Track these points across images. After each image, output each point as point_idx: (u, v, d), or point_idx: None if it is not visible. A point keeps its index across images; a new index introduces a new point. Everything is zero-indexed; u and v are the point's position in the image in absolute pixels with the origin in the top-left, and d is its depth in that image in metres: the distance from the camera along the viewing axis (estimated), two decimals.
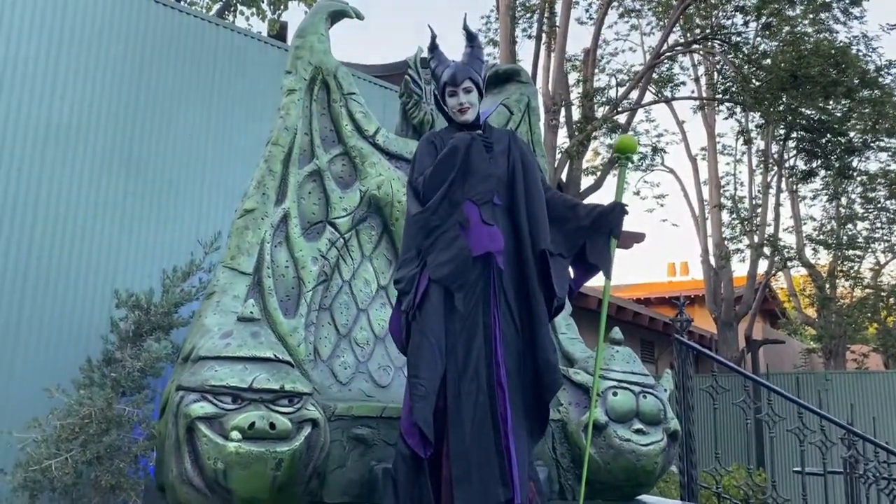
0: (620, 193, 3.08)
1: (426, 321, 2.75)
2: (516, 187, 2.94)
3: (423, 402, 2.65)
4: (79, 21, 5.39)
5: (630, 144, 3.18)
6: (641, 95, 13.16)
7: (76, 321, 5.03)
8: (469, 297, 2.78)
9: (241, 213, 3.62)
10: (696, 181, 16.22)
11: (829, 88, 10.85)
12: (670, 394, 3.66)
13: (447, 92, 3.01)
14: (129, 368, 4.37)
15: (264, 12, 9.81)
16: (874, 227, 17.58)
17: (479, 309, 2.78)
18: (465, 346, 2.74)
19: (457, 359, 2.72)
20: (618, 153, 3.17)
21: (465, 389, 2.68)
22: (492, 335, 2.76)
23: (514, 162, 2.98)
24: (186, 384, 2.83)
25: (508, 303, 2.82)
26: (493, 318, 2.78)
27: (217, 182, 5.92)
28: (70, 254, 5.13)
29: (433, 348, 2.71)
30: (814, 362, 20.12)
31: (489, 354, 2.74)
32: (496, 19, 13.20)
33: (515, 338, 2.82)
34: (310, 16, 4.07)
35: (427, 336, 2.72)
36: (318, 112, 3.92)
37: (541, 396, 2.81)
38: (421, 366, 2.71)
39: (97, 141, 5.36)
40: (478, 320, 2.77)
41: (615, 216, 2.98)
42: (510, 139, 3.07)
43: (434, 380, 2.68)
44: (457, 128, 3.03)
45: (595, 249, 2.99)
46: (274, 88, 6.19)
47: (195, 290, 4.77)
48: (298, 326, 3.55)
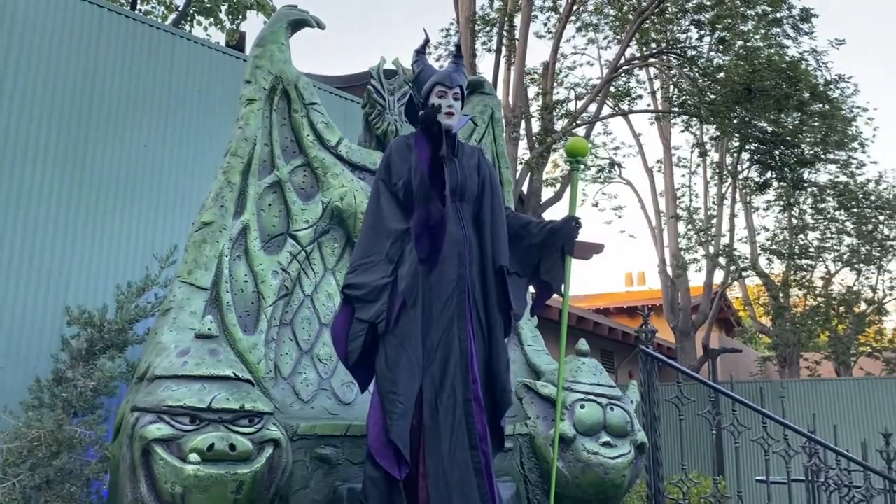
0: (574, 201, 3.03)
1: (405, 335, 2.67)
2: (484, 205, 2.92)
3: (402, 420, 2.57)
4: (28, 28, 5.22)
5: (581, 147, 3.09)
6: (599, 109, 13.31)
7: (24, 340, 4.84)
8: (445, 312, 2.72)
9: (199, 225, 3.51)
10: (653, 193, 16.47)
11: (781, 102, 11.10)
12: (636, 405, 3.65)
13: (436, 91, 2.94)
14: (81, 388, 4.20)
15: (222, 22, 9.66)
16: (824, 238, 18.03)
17: (455, 323, 2.72)
18: (441, 362, 2.67)
19: (433, 375, 2.65)
20: (569, 156, 3.10)
21: (442, 407, 2.62)
22: (468, 350, 2.71)
23: (483, 179, 2.96)
24: (142, 405, 2.72)
25: (480, 318, 2.79)
26: (468, 332, 2.73)
27: (173, 193, 5.78)
28: (18, 269, 4.93)
29: (412, 364, 2.63)
30: (769, 370, 20.51)
31: (465, 370, 2.68)
32: (456, 32, 13.23)
33: (485, 352, 2.79)
34: (270, 24, 3.99)
35: (406, 351, 2.65)
36: (279, 122, 3.84)
37: (496, 417, 2.78)
38: (400, 382, 2.62)
39: (47, 150, 5.19)
40: (453, 335, 2.71)
41: (567, 232, 2.94)
42: (479, 156, 3.05)
43: (412, 396, 2.61)
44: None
45: (548, 266, 2.97)
46: (232, 99, 6.09)
47: (150, 305, 4.62)
48: (258, 343, 3.45)
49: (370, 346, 2.74)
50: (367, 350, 2.75)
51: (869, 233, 17.32)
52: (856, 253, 17.85)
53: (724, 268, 15.87)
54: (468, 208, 2.90)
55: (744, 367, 20.17)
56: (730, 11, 11.94)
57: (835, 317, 17.99)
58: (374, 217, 2.89)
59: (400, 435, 2.56)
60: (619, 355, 17.20)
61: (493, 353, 2.79)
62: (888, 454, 4.50)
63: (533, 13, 12.75)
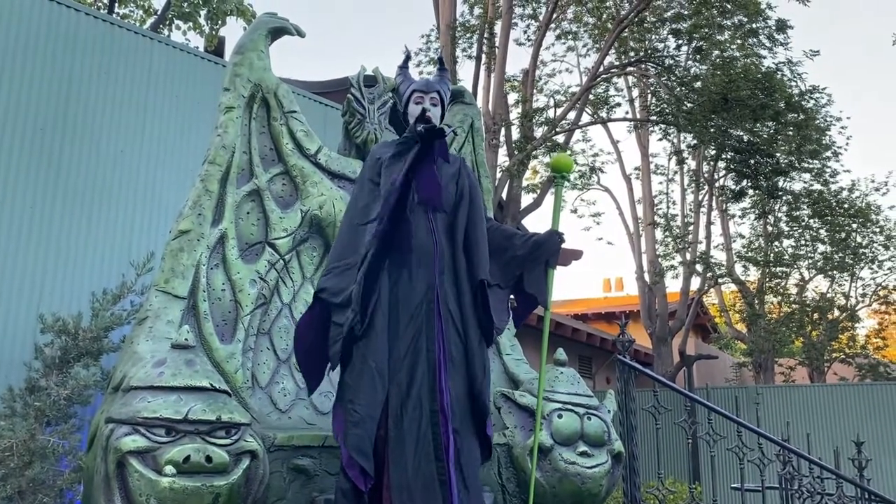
0: (557, 215, 3.06)
1: (369, 345, 2.65)
2: (458, 216, 2.90)
3: (358, 428, 2.56)
4: (3, 32, 5.15)
5: (566, 163, 3.13)
6: (578, 116, 13.39)
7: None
8: (413, 321, 2.70)
9: (176, 234, 3.48)
10: (631, 200, 16.61)
11: (757, 111, 11.23)
12: (614, 415, 3.67)
13: (413, 98, 2.97)
14: (55, 397, 4.15)
15: (201, 27, 9.60)
16: (799, 245, 18.26)
17: (423, 334, 2.69)
18: (408, 372, 2.65)
19: (400, 385, 2.63)
20: (554, 172, 3.12)
21: (407, 417, 2.59)
22: (435, 359, 2.68)
23: (461, 190, 2.94)
24: (117, 416, 2.69)
25: (456, 326, 2.76)
26: (437, 342, 2.69)
27: (151, 200, 5.73)
28: None
29: (373, 374, 2.61)
30: (744, 376, 20.72)
31: (432, 380, 2.65)
32: (437, 38, 13.26)
33: (464, 362, 2.75)
34: (249, 32, 3.97)
35: (368, 361, 2.63)
36: (258, 130, 3.82)
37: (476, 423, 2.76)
38: (360, 392, 2.60)
39: (21, 156, 5.12)
40: (421, 345, 2.68)
41: (550, 245, 2.95)
42: (461, 166, 3.03)
43: (373, 406, 2.59)
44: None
45: (531, 279, 2.97)
46: (211, 105, 6.06)
47: (126, 313, 4.58)
48: (235, 352, 3.43)
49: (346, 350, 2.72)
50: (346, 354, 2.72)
51: (842, 240, 17.58)
52: (829, 260, 18.11)
53: (701, 274, 16.02)
54: (443, 217, 2.88)
55: (720, 373, 20.37)
56: (707, 21, 12.08)
57: (809, 323, 18.22)
58: (347, 221, 2.88)
59: (356, 444, 2.54)
60: (597, 361, 17.30)
61: (469, 363, 2.76)
62: (859, 462, 4.57)
63: (513, 21, 12.82)
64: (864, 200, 17.81)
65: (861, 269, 18.53)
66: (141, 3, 10.21)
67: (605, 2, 13.49)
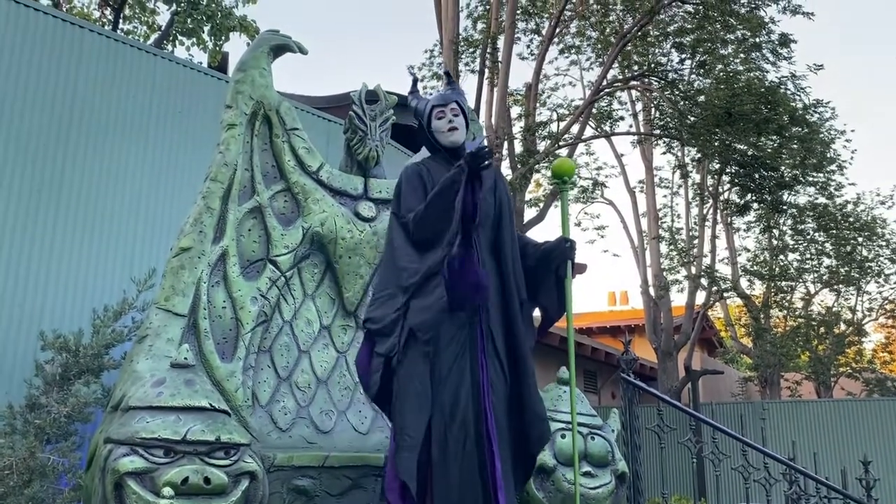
0: (566, 221, 2.94)
1: (412, 367, 2.59)
2: (503, 230, 2.82)
3: (410, 453, 2.50)
4: (7, 48, 5.17)
5: (567, 167, 2.99)
6: (582, 130, 13.40)
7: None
8: (455, 342, 2.62)
9: (177, 251, 3.47)
10: (635, 213, 16.57)
11: (761, 125, 11.23)
12: (617, 434, 3.63)
13: (435, 114, 2.90)
14: (55, 414, 4.11)
15: (205, 43, 9.64)
16: (804, 259, 18.20)
17: (466, 354, 2.62)
18: (452, 395, 2.57)
19: (443, 408, 2.56)
20: (555, 177, 3.01)
21: (452, 441, 2.53)
22: (479, 382, 2.60)
23: (500, 202, 2.86)
24: (115, 436, 2.67)
25: (496, 349, 2.68)
26: (480, 364, 2.62)
27: (152, 217, 5.72)
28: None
29: (419, 396, 2.55)
30: (750, 390, 20.60)
31: (477, 403, 2.58)
32: (440, 53, 13.31)
33: (504, 385, 2.67)
34: (251, 49, 3.98)
35: (413, 384, 2.57)
36: (260, 147, 3.82)
37: (528, 449, 2.69)
38: (407, 416, 2.55)
39: (24, 173, 5.12)
40: (465, 366, 2.61)
41: (559, 253, 2.84)
42: (496, 177, 2.94)
43: (420, 430, 2.53)
44: (443, 157, 2.90)
45: (544, 290, 2.88)
46: (214, 121, 6.06)
47: (127, 330, 4.55)
48: (236, 370, 3.40)
49: (389, 379, 2.67)
50: (386, 384, 2.68)
51: (848, 254, 17.51)
52: (835, 274, 18.04)
53: (706, 289, 15.96)
54: (484, 232, 2.79)
55: (725, 388, 20.26)
56: (710, 36, 12.10)
57: (815, 337, 18.13)
58: (388, 252, 2.82)
59: (406, 469, 2.50)
60: (602, 375, 17.21)
61: (523, 387, 2.68)
62: (867, 482, 4.51)
63: (516, 35, 12.86)
64: (869, 214, 17.78)
65: (867, 282, 18.46)
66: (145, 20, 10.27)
67: (609, 16, 13.54)
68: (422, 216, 2.70)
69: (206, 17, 9.24)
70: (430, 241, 2.69)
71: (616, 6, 13.24)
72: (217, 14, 9.28)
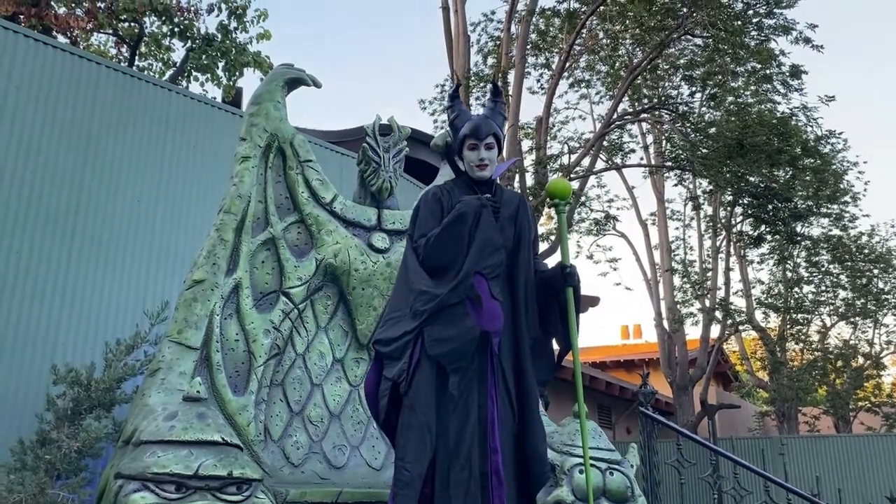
0: (564, 246, 2.83)
1: (417, 398, 2.50)
2: (519, 259, 2.74)
3: (407, 489, 2.42)
4: (26, 83, 5.23)
5: (562, 188, 2.84)
6: (593, 162, 13.42)
7: (10, 399, 4.72)
8: (463, 375, 2.54)
9: (190, 283, 3.46)
10: (648, 245, 16.50)
11: (773, 156, 11.20)
12: (637, 469, 3.55)
13: (467, 145, 2.81)
14: (66, 449, 4.06)
15: (219, 78, 9.76)
16: (819, 291, 18.00)
17: (474, 388, 2.55)
18: (457, 429, 2.50)
19: (447, 442, 2.48)
20: (549, 198, 2.87)
21: (454, 478, 2.45)
22: (486, 417, 2.52)
23: (520, 230, 2.78)
24: (126, 471, 2.62)
25: (506, 383, 2.60)
26: (489, 398, 2.54)
27: (165, 250, 5.73)
28: (6, 326, 4.84)
29: (422, 429, 2.47)
30: (767, 425, 20.26)
31: (483, 438, 2.50)
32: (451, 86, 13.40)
33: (511, 422, 2.59)
34: (266, 82, 4.01)
35: (417, 414, 2.48)
36: (274, 179, 3.82)
37: (527, 489, 2.59)
38: (408, 448, 2.46)
39: (40, 207, 5.15)
40: (472, 401, 2.53)
41: (556, 282, 2.73)
42: (519, 204, 2.86)
43: (421, 464, 2.45)
44: (465, 183, 2.84)
45: (550, 320, 2.78)
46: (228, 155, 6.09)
47: (139, 363, 4.52)
48: (248, 404, 3.36)
49: (395, 406, 2.59)
50: (392, 411, 2.59)
51: (863, 286, 17.31)
52: (851, 306, 17.81)
53: (721, 321, 15.80)
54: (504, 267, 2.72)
55: (742, 423, 19.93)
56: (720, 68, 12.15)
57: (832, 371, 17.84)
58: (402, 274, 2.75)
59: None
60: (616, 410, 16.98)
61: (528, 423, 2.59)
62: None
63: (526, 69, 12.95)
64: (884, 245, 17.60)
65: (884, 315, 18.20)
66: (160, 56, 10.42)
67: (618, 50, 13.63)
68: (431, 244, 2.64)
69: (221, 53, 9.37)
70: (440, 269, 2.64)
71: (625, 40, 13.34)
72: (231, 50, 9.42)
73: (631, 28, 12.45)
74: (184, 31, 9.42)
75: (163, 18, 9.39)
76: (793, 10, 11.53)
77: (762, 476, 3.85)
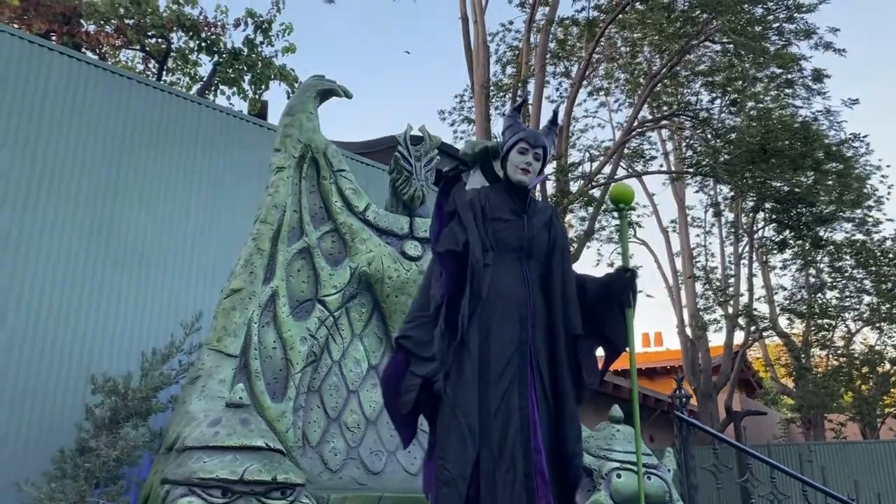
0: (625, 251, 2.88)
1: (458, 399, 2.52)
2: (553, 266, 2.78)
3: (448, 488, 2.44)
4: (60, 99, 5.34)
5: (625, 193, 2.84)
6: (614, 170, 13.41)
7: (49, 409, 4.80)
8: (504, 377, 2.57)
9: (228, 292, 3.51)
10: (669, 252, 16.43)
11: (797, 161, 11.14)
12: (673, 474, 3.54)
13: (518, 148, 2.83)
14: (105, 458, 4.13)
15: (245, 91, 9.89)
16: (843, 296, 17.82)
17: (515, 390, 2.56)
18: (500, 430, 2.51)
19: (491, 444, 2.50)
20: (613, 204, 2.87)
21: (500, 479, 2.46)
22: (528, 418, 2.55)
23: (554, 238, 2.83)
24: (172, 477, 2.67)
25: (544, 386, 2.63)
26: (530, 400, 2.57)
27: (198, 260, 5.80)
28: (45, 338, 4.93)
29: (463, 430, 2.49)
30: (792, 432, 20.02)
31: (526, 440, 2.52)
32: (470, 97, 13.48)
33: (550, 423, 2.61)
34: (298, 94, 4.07)
35: (457, 416, 2.50)
36: (308, 189, 3.88)
37: (566, 489, 2.61)
38: (449, 449, 2.48)
39: (76, 220, 5.24)
40: (513, 402, 2.55)
41: (618, 283, 2.77)
42: (552, 214, 2.91)
43: (463, 465, 2.46)
44: (504, 188, 2.87)
45: (609, 323, 2.78)
46: (255, 165, 6.19)
47: (175, 372, 4.58)
48: (286, 411, 3.40)
49: (422, 402, 2.61)
50: (417, 406, 2.62)
51: (888, 291, 17.10)
52: (876, 311, 17.61)
53: (745, 328, 15.67)
54: (536, 267, 2.76)
55: (767, 430, 19.71)
56: (741, 74, 12.12)
57: (858, 377, 17.63)
58: (427, 275, 2.78)
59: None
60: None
61: (561, 423, 2.61)
62: None
63: (545, 78, 12.99)
64: None
65: None
66: (187, 71, 10.58)
67: (637, 58, 13.64)
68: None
69: (247, 66, 9.50)
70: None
71: (644, 48, 13.35)
72: (257, 64, 9.55)
73: (650, 35, 12.46)
74: (210, 45, 9.58)
75: (190, 34, 9.55)
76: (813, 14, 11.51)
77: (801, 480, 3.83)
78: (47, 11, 8.49)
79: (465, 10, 13.12)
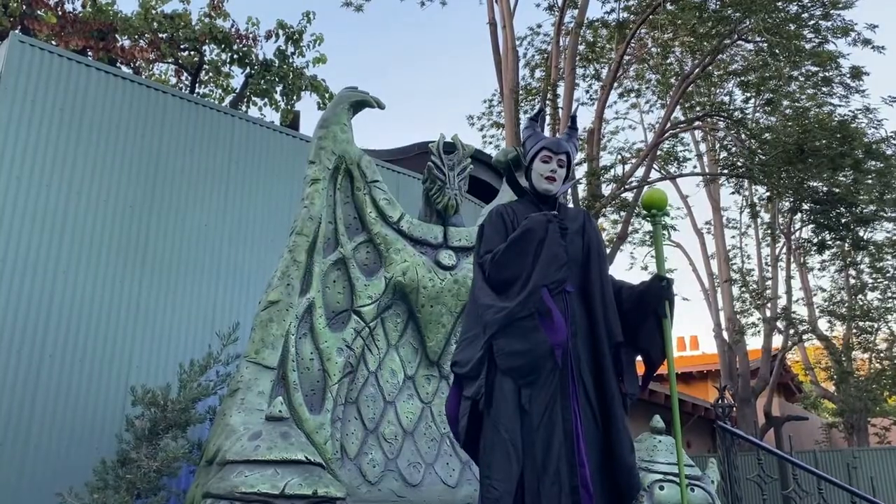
0: (660, 258, 2.81)
1: (499, 415, 2.50)
2: (591, 272, 2.73)
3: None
4: (97, 114, 5.43)
5: (658, 198, 2.79)
6: (647, 173, 13.27)
7: (89, 420, 4.86)
8: (545, 389, 2.53)
9: (266, 304, 3.52)
10: (704, 255, 16.22)
11: (836, 160, 10.91)
12: (717, 485, 3.47)
13: (541, 157, 2.82)
14: (145, 469, 4.16)
15: (277, 102, 9.98)
16: (886, 298, 17.40)
17: (557, 402, 2.53)
18: (543, 444, 2.48)
19: (535, 458, 2.47)
20: (645, 210, 2.83)
21: (545, 493, 2.43)
22: (572, 431, 2.51)
23: (588, 244, 2.78)
24: (215, 491, 2.68)
25: (588, 396, 2.59)
26: (573, 412, 2.53)
27: (234, 272, 5.85)
28: (84, 349, 5.00)
29: (506, 445, 2.46)
30: (834, 437, 19.60)
31: (570, 453, 2.48)
32: (499, 102, 13.44)
33: (596, 434, 2.57)
34: (332, 106, 4.08)
35: (500, 432, 2.47)
36: (342, 200, 3.88)
37: (617, 501, 2.56)
38: (493, 465, 2.45)
39: (113, 233, 5.32)
40: (556, 415, 2.51)
41: (655, 293, 2.72)
42: (585, 219, 2.87)
43: (509, 481, 2.43)
44: (531, 201, 2.86)
45: (644, 333, 2.73)
46: (288, 177, 6.22)
47: (212, 383, 4.61)
48: (325, 423, 3.40)
49: (476, 424, 2.59)
50: (473, 429, 2.60)
51: None
52: None
53: (783, 331, 15.38)
54: (573, 275, 2.71)
55: (808, 435, 19.32)
56: (775, 73, 11.91)
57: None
58: (472, 293, 2.77)
59: None
60: None
61: (613, 434, 2.56)
62: None
63: (575, 81, 12.91)
64: None
65: None
66: (220, 83, 10.71)
67: (668, 58, 13.50)
68: (497, 259, 2.65)
69: (279, 78, 9.59)
70: (505, 284, 2.64)
71: (675, 48, 13.20)
72: (289, 75, 9.63)
73: (681, 36, 12.32)
74: (242, 57, 9.69)
75: (222, 46, 9.66)
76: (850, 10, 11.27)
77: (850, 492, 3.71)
78: (84, 28, 8.66)
79: (494, 15, 13.10)
